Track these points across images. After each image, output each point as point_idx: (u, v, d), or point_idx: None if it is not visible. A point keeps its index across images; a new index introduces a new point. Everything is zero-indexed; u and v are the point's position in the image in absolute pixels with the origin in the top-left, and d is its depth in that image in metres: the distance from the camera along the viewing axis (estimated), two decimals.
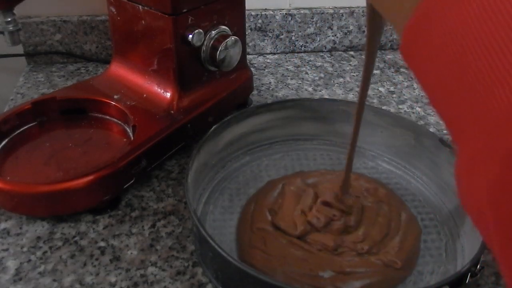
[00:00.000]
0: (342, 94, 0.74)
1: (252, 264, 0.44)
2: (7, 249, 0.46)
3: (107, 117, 0.59)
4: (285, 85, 0.76)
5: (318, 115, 0.59)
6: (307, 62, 0.84)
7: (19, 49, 0.77)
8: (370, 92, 0.73)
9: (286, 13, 0.83)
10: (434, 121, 0.68)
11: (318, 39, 0.86)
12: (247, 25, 0.78)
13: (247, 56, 0.73)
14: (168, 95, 0.57)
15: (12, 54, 0.76)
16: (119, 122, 0.59)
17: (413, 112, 0.70)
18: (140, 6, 0.55)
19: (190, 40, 0.54)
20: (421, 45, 0.20)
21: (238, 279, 0.40)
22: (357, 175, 0.54)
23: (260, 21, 0.82)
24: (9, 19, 0.55)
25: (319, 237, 0.46)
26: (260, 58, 0.85)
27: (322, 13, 0.84)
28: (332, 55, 0.87)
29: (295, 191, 0.52)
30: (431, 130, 0.62)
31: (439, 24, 0.19)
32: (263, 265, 0.44)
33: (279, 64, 0.83)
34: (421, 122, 0.68)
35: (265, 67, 0.82)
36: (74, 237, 0.48)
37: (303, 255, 0.45)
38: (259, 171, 0.57)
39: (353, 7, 0.85)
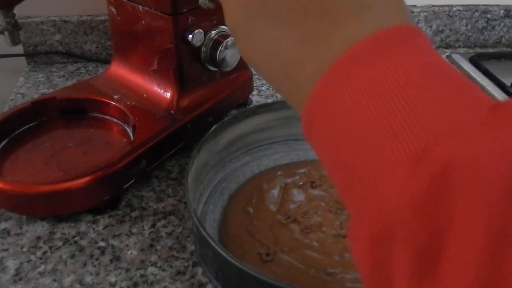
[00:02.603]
0: None
1: None
2: (7, 249, 0.46)
3: (107, 117, 0.59)
4: None
5: None
6: None
7: (19, 49, 0.77)
8: None
9: None
10: None
11: None
12: None
13: None
14: (168, 95, 0.57)
15: (12, 54, 0.76)
16: (119, 122, 0.59)
17: None
18: (140, 6, 0.55)
19: (190, 40, 0.54)
20: (314, 132, 0.23)
21: (238, 279, 0.40)
22: None
23: None
24: (9, 19, 0.55)
25: (312, 258, 0.44)
26: None
27: None
28: None
29: (270, 189, 0.50)
30: None
31: (322, 120, 0.22)
32: None
33: None
34: None
35: None
36: (74, 237, 0.48)
37: (290, 274, 0.42)
38: (259, 171, 0.57)
39: None
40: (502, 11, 0.92)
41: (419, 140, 0.18)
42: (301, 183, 0.53)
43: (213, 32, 0.56)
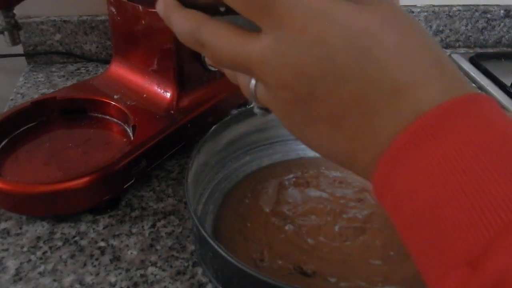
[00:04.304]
0: None
1: None
2: (7, 249, 0.46)
3: (107, 117, 0.59)
4: None
5: None
6: None
7: (19, 49, 0.77)
8: None
9: None
10: None
11: None
12: None
13: None
14: (168, 95, 0.57)
15: (12, 54, 0.76)
16: (119, 122, 0.59)
17: None
18: (140, 6, 0.55)
19: None
20: (389, 196, 0.23)
21: (238, 279, 0.40)
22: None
23: None
24: (9, 19, 0.55)
25: (309, 264, 0.42)
26: None
27: None
28: None
29: (264, 189, 0.49)
30: None
31: (389, 201, 0.22)
32: None
33: None
34: None
35: None
36: (74, 237, 0.48)
37: (286, 280, 0.41)
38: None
39: None
40: (502, 11, 0.92)
41: (481, 238, 0.18)
42: (296, 182, 0.52)
43: None
